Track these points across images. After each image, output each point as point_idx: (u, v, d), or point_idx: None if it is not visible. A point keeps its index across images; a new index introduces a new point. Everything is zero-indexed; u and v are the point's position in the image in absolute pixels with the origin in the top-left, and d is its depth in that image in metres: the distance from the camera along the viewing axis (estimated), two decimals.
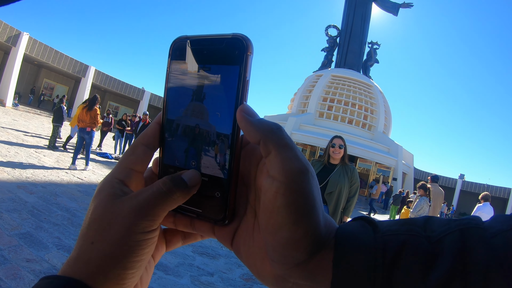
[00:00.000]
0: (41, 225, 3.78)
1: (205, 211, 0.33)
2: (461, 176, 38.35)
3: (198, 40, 0.33)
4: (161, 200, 0.29)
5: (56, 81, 29.06)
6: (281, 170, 0.27)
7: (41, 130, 13.47)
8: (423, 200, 6.55)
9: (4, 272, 2.65)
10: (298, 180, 0.26)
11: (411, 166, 31.78)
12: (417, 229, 0.27)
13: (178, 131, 0.34)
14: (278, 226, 0.26)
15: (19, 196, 4.55)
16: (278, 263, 0.27)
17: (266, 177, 0.28)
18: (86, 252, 0.28)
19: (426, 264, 0.24)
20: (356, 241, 0.27)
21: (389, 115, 33.69)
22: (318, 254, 0.27)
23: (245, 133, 0.30)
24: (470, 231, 0.25)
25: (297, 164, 0.27)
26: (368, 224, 0.29)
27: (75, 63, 25.63)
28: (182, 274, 3.48)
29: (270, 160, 0.28)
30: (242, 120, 0.29)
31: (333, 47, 37.90)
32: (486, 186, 35.82)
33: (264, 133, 0.28)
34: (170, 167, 0.34)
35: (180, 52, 0.34)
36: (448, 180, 37.55)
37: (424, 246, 0.25)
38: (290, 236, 0.26)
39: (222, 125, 0.31)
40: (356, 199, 3.74)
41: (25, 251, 3.08)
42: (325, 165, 3.72)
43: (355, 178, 3.69)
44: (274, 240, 0.27)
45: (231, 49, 0.31)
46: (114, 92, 30.69)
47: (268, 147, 0.28)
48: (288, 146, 0.28)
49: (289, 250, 0.26)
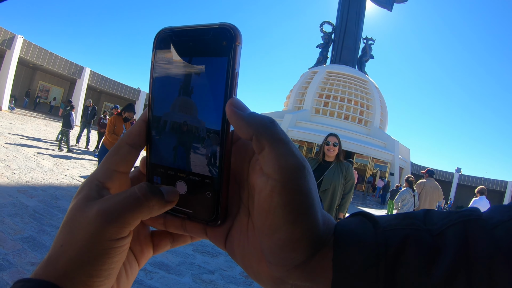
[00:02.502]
0: (43, 229, 3.85)
1: (196, 212, 0.31)
2: (458, 169, 38.57)
3: (183, 31, 0.31)
4: (133, 206, 0.27)
5: (52, 83, 28.86)
6: (276, 167, 0.25)
7: (38, 133, 13.46)
8: (406, 190, 6.69)
9: (10, 276, 2.73)
10: (294, 178, 0.25)
11: (408, 160, 31.93)
12: (418, 222, 0.26)
13: (165, 129, 0.32)
14: (275, 227, 0.25)
15: (20, 201, 4.60)
16: (276, 265, 0.26)
17: (260, 175, 0.27)
18: (55, 255, 0.27)
19: (429, 258, 0.23)
20: (356, 237, 0.26)
21: (385, 110, 33.81)
22: (317, 254, 0.26)
23: (236, 128, 0.28)
24: (471, 223, 0.24)
25: (293, 160, 0.26)
26: (368, 219, 0.28)
27: (70, 65, 25.45)
28: (183, 273, 3.55)
29: (263, 156, 0.26)
30: (232, 115, 0.28)
31: (328, 43, 37.93)
32: (483, 179, 35.94)
33: (256, 128, 0.27)
34: (158, 166, 0.33)
35: (165, 45, 0.32)
36: (445, 174, 37.68)
37: (426, 239, 0.24)
38: (287, 237, 0.25)
39: (211, 121, 0.30)
40: (352, 196, 3.82)
41: (29, 254, 3.15)
42: (320, 162, 3.78)
43: (350, 175, 3.75)
44: (270, 241, 0.25)
45: (219, 39, 0.29)
46: (110, 93, 30.51)
47: (261, 142, 0.26)
48: (283, 141, 0.26)
49: (287, 252, 0.25)
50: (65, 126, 10.56)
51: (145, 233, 0.35)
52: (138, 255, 0.34)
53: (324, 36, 38.12)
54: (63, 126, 10.60)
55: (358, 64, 36.35)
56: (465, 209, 0.26)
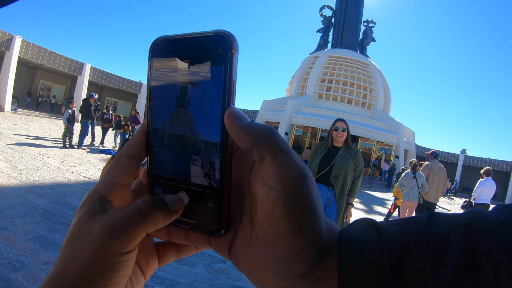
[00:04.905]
0: (54, 227, 3.86)
1: (199, 222, 0.31)
2: (463, 151, 38.20)
3: (178, 40, 0.31)
4: (138, 220, 0.27)
5: (53, 81, 28.90)
6: (277, 178, 0.25)
7: (42, 132, 13.50)
8: (407, 174, 6.68)
9: (24, 276, 2.73)
10: (296, 188, 0.25)
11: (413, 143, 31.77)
12: (422, 226, 0.26)
13: (164, 140, 0.32)
14: (279, 237, 0.25)
15: (29, 200, 4.61)
16: (280, 275, 0.26)
17: (261, 185, 0.27)
18: (60, 271, 0.27)
19: (434, 262, 0.23)
20: (360, 244, 0.25)
21: (388, 93, 33.53)
22: (322, 263, 0.25)
23: (236, 138, 0.27)
24: (476, 224, 0.24)
25: (294, 170, 0.25)
26: (371, 226, 0.28)
27: (70, 62, 25.41)
28: (195, 263, 3.57)
29: (264, 166, 0.26)
30: (231, 125, 0.27)
31: (329, 27, 37.48)
32: (488, 160, 35.68)
33: (256, 138, 0.26)
34: (160, 177, 0.33)
35: (161, 54, 0.32)
36: (450, 155, 37.38)
37: (430, 243, 0.24)
38: (292, 248, 0.24)
39: (210, 131, 0.29)
40: (361, 181, 3.79)
41: (42, 254, 3.16)
42: (329, 148, 3.74)
43: (359, 160, 3.72)
44: (275, 252, 0.25)
45: (214, 47, 0.28)
46: (111, 87, 30.50)
47: (262, 152, 0.26)
48: (284, 151, 0.26)
49: (291, 262, 0.25)
50: (68, 123, 10.67)
51: (150, 245, 0.35)
52: (144, 267, 0.34)
53: (324, 20, 37.65)
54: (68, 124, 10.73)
55: (359, 48, 35.94)
56: (469, 210, 0.26)
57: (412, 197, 6.57)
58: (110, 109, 13.54)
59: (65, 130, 10.70)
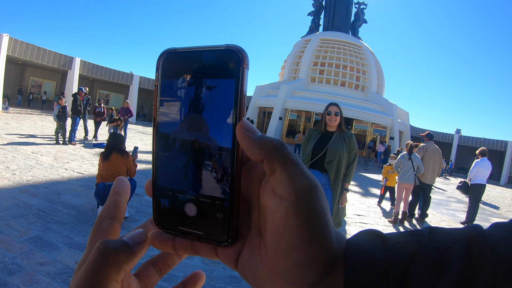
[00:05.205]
0: (49, 227, 3.83)
1: (207, 233, 0.31)
2: (458, 131, 38.22)
3: (188, 52, 0.31)
4: (98, 273, 0.26)
5: (43, 77, 28.41)
6: (289, 189, 0.26)
7: (34, 130, 13.33)
8: (402, 156, 6.72)
9: (20, 279, 2.70)
10: (308, 198, 0.26)
11: (407, 124, 31.87)
12: (424, 239, 0.27)
13: (172, 151, 0.32)
14: (291, 247, 0.25)
15: (23, 201, 4.57)
16: (292, 284, 0.26)
17: (272, 196, 0.27)
18: None
19: (437, 273, 0.24)
20: (366, 255, 0.26)
21: (381, 75, 33.43)
22: (331, 272, 0.26)
23: (247, 151, 0.28)
24: (475, 238, 0.25)
25: (306, 181, 0.26)
26: (377, 237, 0.28)
27: (59, 57, 24.96)
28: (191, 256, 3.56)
29: (275, 178, 0.27)
30: (243, 138, 0.28)
31: (320, 10, 37.05)
32: (483, 140, 35.63)
33: (268, 151, 0.27)
34: (166, 189, 0.32)
35: (169, 66, 0.32)
36: (445, 135, 37.30)
37: (433, 255, 0.25)
38: (304, 257, 0.25)
39: (220, 143, 0.30)
40: (356, 165, 3.76)
41: (37, 255, 3.14)
42: (323, 133, 3.69)
43: (353, 145, 3.68)
44: (287, 261, 0.26)
45: (226, 61, 0.29)
46: (102, 80, 30.08)
47: (273, 165, 0.27)
48: (294, 163, 0.27)
49: (304, 271, 0.25)
50: (59, 119, 10.54)
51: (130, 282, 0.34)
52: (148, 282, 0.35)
53: (315, 3, 37.19)
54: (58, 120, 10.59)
55: (351, 30, 35.64)
56: (468, 226, 0.27)
57: (408, 179, 6.60)
58: (102, 102, 13.32)
59: (57, 127, 10.59)
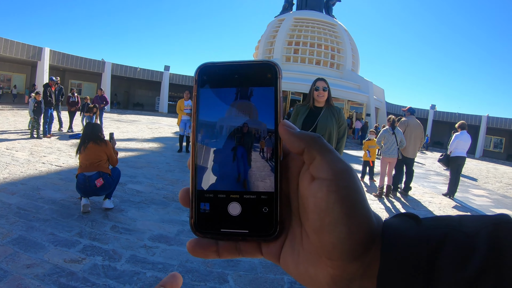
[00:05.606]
0: (31, 225, 3.60)
1: (252, 230, 0.32)
2: (433, 106, 38.71)
3: (227, 66, 0.34)
4: None
5: (12, 70, 26.98)
6: (329, 170, 0.29)
7: (7, 125, 12.59)
8: (385, 130, 6.82)
9: (7, 286, 2.50)
10: (346, 178, 0.29)
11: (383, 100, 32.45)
12: (455, 223, 0.28)
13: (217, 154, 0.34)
14: (334, 222, 0.28)
15: (1, 200, 4.28)
16: (337, 260, 0.28)
17: (312, 182, 0.30)
18: None
19: (465, 255, 0.26)
20: (401, 233, 0.28)
21: (356, 53, 33.65)
22: (372, 247, 0.28)
23: (289, 144, 0.32)
24: (502, 224, 0.27)
25: (342, 164, 0.30)
26: (412, 219, 0.30)
27: (28, 48, 23.79)
28: (184, 242, 3.49)
29: (315, 165, 0.30)
30: (285, 133, 0.32)
31: None
32: (458, 115, 36.19)
33: (307, 142, 0.31)
34: (207, 192, 0.33)
35: (209, 78, 0.34)
36: (420, 111, 37.59)
37: (462, 239, 0.27)
38: (347, 230, 0.27)
39: (263, 140, 0.33)
40: (345, 140, 3.74)
41: (23, 257, 2.93)
42: (311, 108, 3.64)
43: (342, 119, 3.65)
44: (332, 237, 0.28)
45: (265, 73, 0.33)
46: (74, 69, 29.00)
47: (313, 153, 0.30)
48: (331, 151, 0.30)
49: (348, 244, 0.27)
50: (35, 114, 10.10)
51: None
52: None
53: None
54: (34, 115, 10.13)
55: (325, 9, 35.35)
56: (496, 214, 0.29)
57: (392, 153, 6.70)
58: (75, 92, 12.81)
59: (31, 121, 10.10)
